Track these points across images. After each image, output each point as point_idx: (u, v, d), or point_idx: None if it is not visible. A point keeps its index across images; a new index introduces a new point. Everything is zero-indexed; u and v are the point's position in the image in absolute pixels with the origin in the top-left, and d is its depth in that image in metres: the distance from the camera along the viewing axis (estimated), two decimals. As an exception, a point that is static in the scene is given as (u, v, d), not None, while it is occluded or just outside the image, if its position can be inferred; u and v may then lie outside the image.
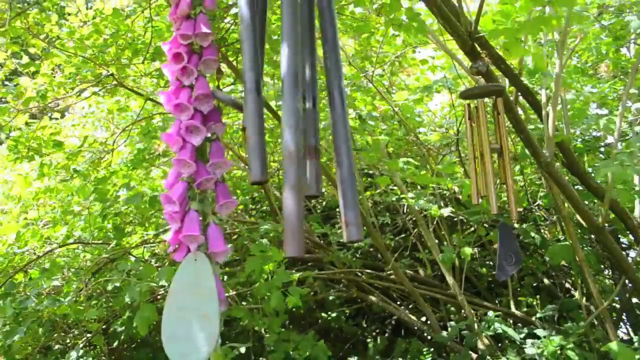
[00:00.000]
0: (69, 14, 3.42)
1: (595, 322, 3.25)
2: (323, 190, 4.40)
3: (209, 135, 1.15)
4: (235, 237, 3.43)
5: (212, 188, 1.15)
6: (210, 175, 1.12)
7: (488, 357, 3.06)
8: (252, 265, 2.74)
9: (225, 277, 3.28)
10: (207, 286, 1.05)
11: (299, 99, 0.99)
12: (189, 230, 1.07)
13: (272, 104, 2.98)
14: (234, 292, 3.09)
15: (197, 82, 1.12)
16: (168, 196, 1.09)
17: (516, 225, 3.51)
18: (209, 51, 1.14)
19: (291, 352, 2.99)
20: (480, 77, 2.20)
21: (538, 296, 3.64)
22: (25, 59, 3.43)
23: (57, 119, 3.83)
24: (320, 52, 1.21)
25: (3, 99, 3.53)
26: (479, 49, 2.18)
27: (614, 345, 2.37)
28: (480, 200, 1.91)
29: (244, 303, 3.13)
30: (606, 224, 2.76)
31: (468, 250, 3.06)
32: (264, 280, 2.80)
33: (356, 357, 3.75)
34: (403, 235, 4.07)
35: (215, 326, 1.02)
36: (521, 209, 3.63)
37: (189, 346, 1.02)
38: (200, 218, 1.12)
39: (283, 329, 3.19)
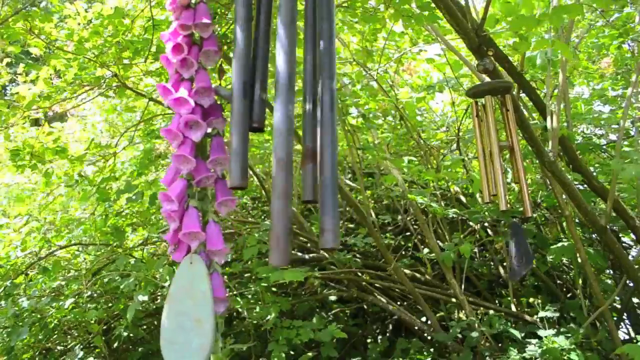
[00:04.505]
0: (68, 17, 3.38)
1: (598, 324, 3.23)
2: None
3: (209, 130, 1.11)
4: (236, 237, 3.41)
5: (212, 186, 1.11)
6: (211, 172, 1.09)
7: (488, 357, 3.04)
8: (249, 253, 2.83)
9: (226, 277, 3.26)
10: (200, 290, 1.02)
11: (292, 105, 0.95)
12: (189, 227, 1.03)
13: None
14: (236, 292, 3.08)
15: (197, 75, 1.08)
16: (167, 194, 1.05)
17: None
18: (210, 42, 1.11)
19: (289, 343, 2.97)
20: (486, 75, 2.17)
21: (539, 296, 3.61)
22: (22, 67, 3.36)
23: (58, 122, 3.77)
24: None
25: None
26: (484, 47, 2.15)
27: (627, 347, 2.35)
28: (491, 197, 1.89)
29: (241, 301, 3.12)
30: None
31: (467, 247, 3.03)
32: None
33: (356, 357, 3.72)
34: (404, 235, 4.04)
35: (208, 332, 0.98)
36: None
37: (184, 352, 0.99)
38: (200, 216, 1.08)
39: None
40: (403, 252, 3.87)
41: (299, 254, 3.89)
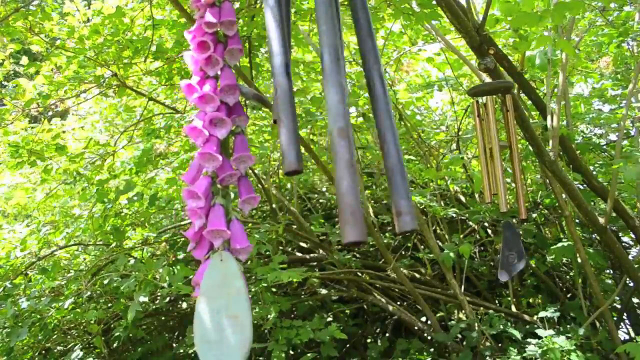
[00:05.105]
0: (67, 14, 3.36)
1: (597, 324, 3.25)
2: (324, 189, 4.38)
3: (232, 128, 1.11)
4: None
5: (235, 184, 1.11)
6: (234, 170, 1.08)
7: (488, 357, 3.05)
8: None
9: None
10: (235, 286, 1.00)
11: (343, 74, 0.93)
12: (215, 225, 1.02)
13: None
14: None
15: (222, 73, 1.07)
16: (192, 191, 1.04)
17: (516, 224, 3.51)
18: (234, 40, 1.10)
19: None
20: (487, 74, 2.18)
21: (539, 296, 3.62)
22: (25, 60, 3.35)
23: (58, 118, 3.76)
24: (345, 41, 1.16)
25: (2, 100, 3.45)
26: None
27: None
28: (492, 197, 1.90)
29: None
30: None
31: (467, 247, 3.04)
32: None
33: (356, 357, 3.72)
34: (404, 235, 4.04)
35: (247, 327, 0.97)
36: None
37: (223, 350, 0.98)
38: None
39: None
40: (403, 252, 3.87)
41: (299, 254, 3.89)
